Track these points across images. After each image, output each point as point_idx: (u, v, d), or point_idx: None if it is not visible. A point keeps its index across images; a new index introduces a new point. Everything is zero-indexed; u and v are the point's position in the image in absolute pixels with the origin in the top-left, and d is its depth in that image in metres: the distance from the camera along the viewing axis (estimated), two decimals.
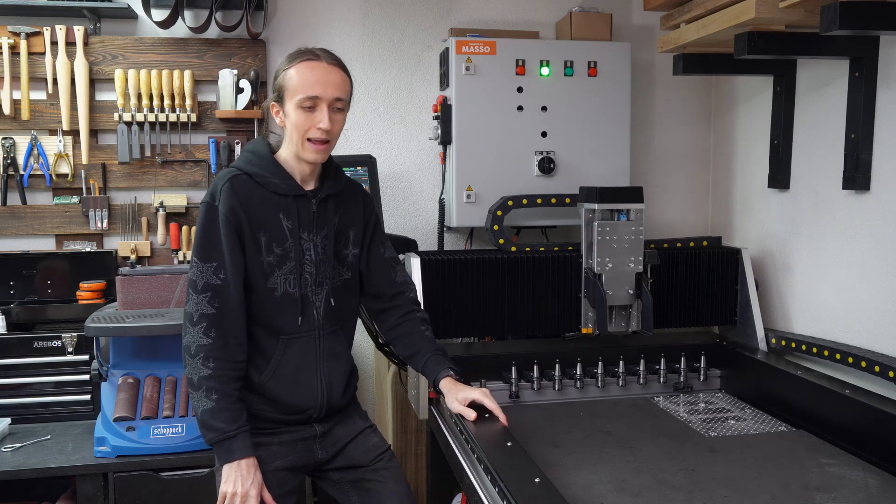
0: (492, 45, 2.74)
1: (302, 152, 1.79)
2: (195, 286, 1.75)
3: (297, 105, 1.76)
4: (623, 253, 2.37)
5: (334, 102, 1.78)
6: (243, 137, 2.96)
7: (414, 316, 2.03)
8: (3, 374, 2.65)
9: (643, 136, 3.19)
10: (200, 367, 1.73)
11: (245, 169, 1.80)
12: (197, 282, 1.74)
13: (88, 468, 2.33)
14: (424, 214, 3.12)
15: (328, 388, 1.88)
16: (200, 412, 1.74)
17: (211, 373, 1.73)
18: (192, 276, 1.76)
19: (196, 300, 1.74)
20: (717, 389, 2.52)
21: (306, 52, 1.80)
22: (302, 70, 1.76)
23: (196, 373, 1.73)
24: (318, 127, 1.76)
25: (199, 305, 1.74)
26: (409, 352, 2.03)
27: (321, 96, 1.75)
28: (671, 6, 2.44)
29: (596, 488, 1.66)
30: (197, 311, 1.74)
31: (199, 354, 1.73)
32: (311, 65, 1.77)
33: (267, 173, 1.80)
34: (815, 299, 2.47)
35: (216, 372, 1.73)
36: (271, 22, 2.98)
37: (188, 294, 1.77)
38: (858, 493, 1.64)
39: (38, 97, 2.85)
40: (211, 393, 1.73)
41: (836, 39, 2.11)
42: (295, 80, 1.76)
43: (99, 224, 2.89)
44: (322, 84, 1.76)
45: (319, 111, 1.76)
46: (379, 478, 1.95)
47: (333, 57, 1.81)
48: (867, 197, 2.22)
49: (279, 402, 1.84)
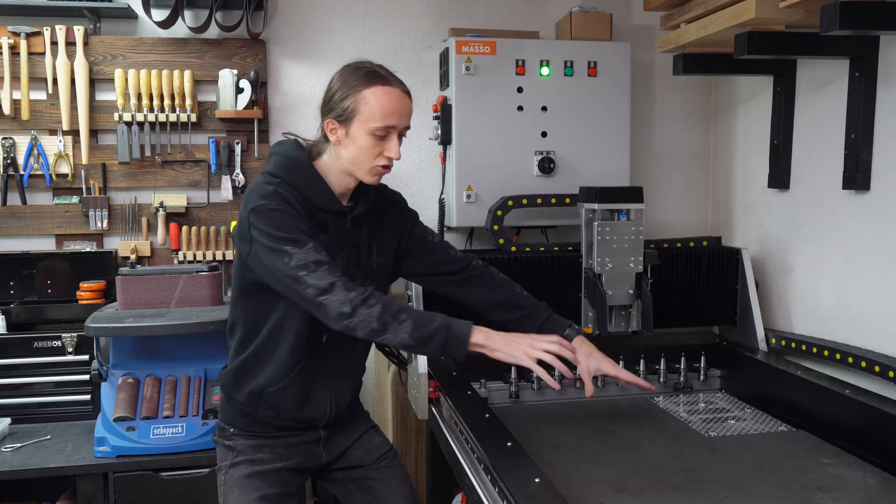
0: (492, 45, 2.74)
1: (362, 175, 1.75)
2: (307, 268, 1.61)
3: (370, 131, 1.70)
4: (623, 253, 2.37)
5: (404, 131, 1.76)
6: (243, 137, 2.95)
7: (499, 277, 2.03)
8: (3, 374, 2.65)
9: (643, 136, 3.19)
10: (365, 313, 1.60)
11: (288, 180, 1.72)
12: (307, 265, 1.61)
13: (88, 468, 2.34)
14: (424, 214, 3.08)
15: (336, 402, 1.87)
16: (409, 335, 1.63)
17: (377, 302, 1.62)
18: (295, 264, 1.61)
19: (315, 271, 1.61)
20: (717, 389, 2.52)
21: (377, 77, 1.72)
22: (379, 96, 1.70)
23: (369, 318, 1.61)
24: (387, 155, 1.73)
25: (319, 272, 1.62)
26: (515, 315, 2.00)
27: (397, 126, 1.72)
28: (671, 6, 2.44)
29: (596, 488, 1.66)
30: (322, 279, 1.61)
31: (357, 304, 1.61)
32: (388, 91, 1.71)
33: (308, 186, 1.74)
34: (815, 299, 2.47)
35: (377, 296, 1.64)
36: (271, 22, 2.98)
37: (299, 281, 1.62)
38: (858, 493, 1.64)
39: (38, 97, 2.85)
40: (399, 315, 1.64)
41: (836, 39, 2.11)
42: (372, 106, 1.69)
43: (99, 224, 2.89)
44: (399, 114, 1.72)
45: (391, 140, 1.72)
46: (382, 476, 1.95)
47: (401, 82, 1.77)
48: (867, 197, 2.22)
49: (285, 413, 1.83)
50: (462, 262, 2.03)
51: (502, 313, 2.02)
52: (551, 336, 1.79)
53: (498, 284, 2.03)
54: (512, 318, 2.01)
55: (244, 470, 1.81)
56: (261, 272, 1.69)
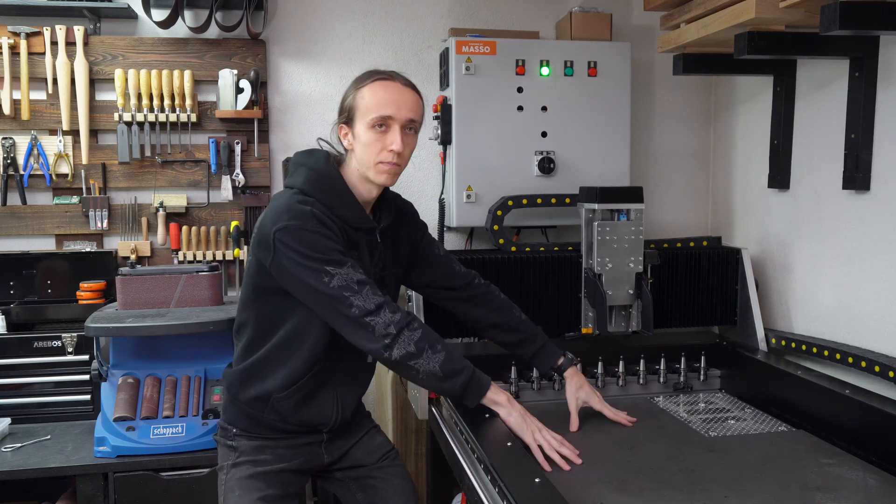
0: (492, 45, 2.74)
1: (372, 175, 1.73)
2: (350, 289, 1.63)
3: (368, 125, 1.70)
4: (623, 253, 2.37)
5: (407, 124, 1.72)
6: (243, 137, 2.95)
7: (499, 298, 2.05)
8: (3, 374, 2.65)
9: (643, 136, 3.19)
10: (407, 336, 1.64)
11: (321, 199, 1.71)
12: (350, 285, 1.63)
13: (88, 468, 2.33)
14: (424, 214, 3.07)
15: (342, 409, 1.87)
16: (439, 366, 1.67)
17: (419, 326, 1.67)
18: (338, 284, 1.62)
19: (359, 292, 1.64)
20: (717, 389, 2.52)
21: (379, 73, 1.74)
22: (375, 89, 1.71)
23: (409, 341, 1.64)
24: (389, 149, 1.70)
25: (364, 292, 1.64)
26: (512, 338, 2.04)
27: (394, 116, 1.70)
28: (671, 6, 2.44)
29: (596, 488, 1.66)
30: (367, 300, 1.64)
31: (402, 326, 1.64)
32: (385, 84, 1.72)
33: (341, 203, 1.73)
34: (815, 299, 2.47)
35: (419, 321, 1.68)
36: (271, 22, 2.98)
37: (342, 301, 1.63)
38: (858, 493, 1.64)
39: (38, 97, 2.85)
40: (436, 345, 1.67)
41: (836, 39, 2.11)
42: (367, 100, 1.70)
43: (99, 224, 2.89)
44: (396, 104, 1.70)
45: (392, 132, 1.70)
46: (384, 475, 1.95)
47: (407, 79, 1.77)
48: (867, 197, 2.22)
49: (291, 418, 1.83)
50: (464, 279, 2.04)
51: (498, 334, 2.05)
52: (560, 437, 1.80)
53: (498, 306, 2.05)
54: (508, 340, 2.05)
55: (246, 470, 1.82)
56: (291, 286, 1.68)
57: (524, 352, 2.06)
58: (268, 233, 1.66)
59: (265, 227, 1.68)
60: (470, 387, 1.73)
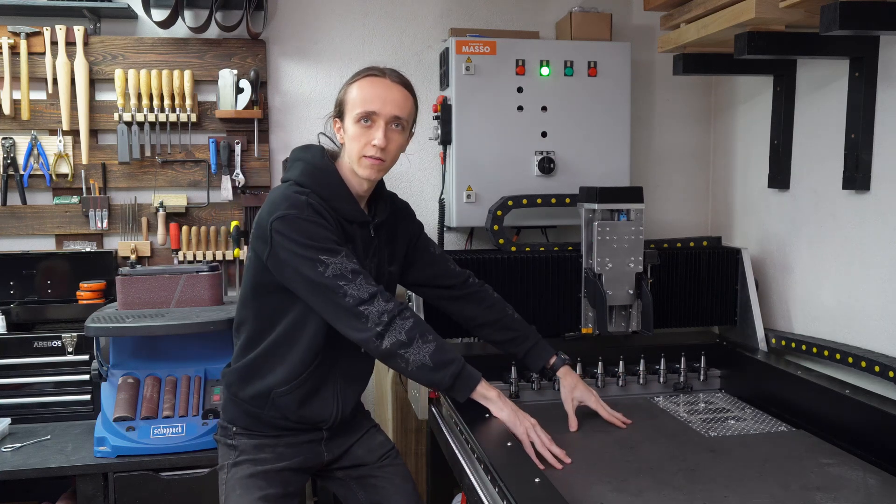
0: (492, 45, 2.74)
1: (357, 168, 1.76)
2: (344, 278, 1.63)
3: (354, 120, 1.73)
4: (623, 253, 2.37)
5: (392, 120, 1.74)
6: (243, 137, 2.95)
7: (493, 297, 2.07)
8: (3, 374, 2.65)
9: (643, 136, 3.19)
10: (399, 325, 1.65)
11: (317, 190, 1.73)
12: (344, 274, 1.64)
13: (88, 468, 2.33)
14: (424, 214, 3.10)
15: (342, 405, 1.87)
16: (429, 356, 1.67)
17: (411, 316, 1.68)
18: (332, 273, 1.63)
19: (353, 281, 1.64)
20: (717, 389, 2.51)
21: (371, 69, 1.77)
22: (363, 85, 1.74)
23: (397, 331, 1.65)
24: (372, 143, 1.72)
25: (358, 282, 1.65)
26: (505, 336, 2.05)
27: (379, 112, 1.72)
28: (671, 6, 2.44)
29: (596, 488, 1.66)
30: (360, 290, 1.65)
31: (394, 315, 1.65)
32: (373, 80, 1.75)
33: (336, 196, 1.75)
34: (814, 299, 2.47)
35: (411, 311, 1.69)
36: (271, 22, 2.98)
37: (336, 290, 1.64)
38: (858, 493, 1.64)
39: (38, 97, 2.85)
40: (426, 335, 1.68)
41: (836, 39, 2.11)
42: (355, 95, 1.74)
43: (99, 224, 2.89)
44: (381, 100, 1.73)
45: (376, 128, 1.73)
46: (385, 474, 1.95)
47: (399, 76, 1.78)
48: (867, 197, 2.22)
49: (291, 415, 1.83)
50: (459, 278, 2.06)
51: (491, 332, 2.06)
52: (549, 437, 1.79)
53: (491, 304, 2.07)
54: (501, 338, 2.06)
55: (246, 469, 1.82)
56: (286, 277, 1.69)
57: (516, 350, 2.07)
58: (265, 224, 1.68)
59: (262, 219, 1.71)
60: (460, 378, 1.73)
